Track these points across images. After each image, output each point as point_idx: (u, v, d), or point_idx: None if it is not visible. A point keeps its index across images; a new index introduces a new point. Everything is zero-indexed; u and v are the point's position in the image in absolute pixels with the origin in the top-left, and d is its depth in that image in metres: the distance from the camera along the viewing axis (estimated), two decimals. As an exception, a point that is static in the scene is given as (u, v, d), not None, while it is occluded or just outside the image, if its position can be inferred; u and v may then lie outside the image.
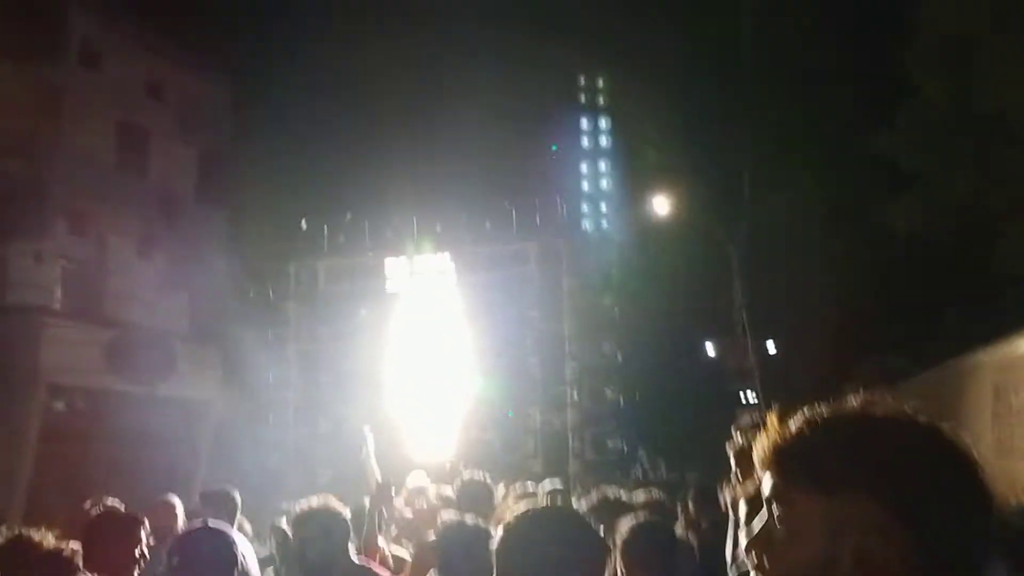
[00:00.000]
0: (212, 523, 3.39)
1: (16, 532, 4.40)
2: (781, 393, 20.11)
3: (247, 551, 4.20)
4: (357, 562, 4.12)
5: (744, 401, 21.59)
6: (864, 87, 19.88)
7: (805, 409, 1.23)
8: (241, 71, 18.95)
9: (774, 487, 1.23)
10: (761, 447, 1.24)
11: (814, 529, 1.17)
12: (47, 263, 17.77)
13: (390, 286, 14.58)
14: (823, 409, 1.23)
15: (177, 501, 6.44)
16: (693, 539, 5.86)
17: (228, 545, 3.13)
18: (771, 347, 25.09)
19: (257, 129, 19.10)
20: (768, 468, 1.25)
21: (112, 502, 5.38)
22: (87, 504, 5.72)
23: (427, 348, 14.40)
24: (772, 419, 1.23)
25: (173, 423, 18.35)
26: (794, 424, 1.22)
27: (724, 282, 22.12)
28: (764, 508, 1.26)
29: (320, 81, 17.27)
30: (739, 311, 22.06)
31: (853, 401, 1.21)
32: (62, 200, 17.81)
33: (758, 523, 1.25)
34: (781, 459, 1.23)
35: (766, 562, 1.22)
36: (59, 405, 18.09)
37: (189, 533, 3.34)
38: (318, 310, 14.71)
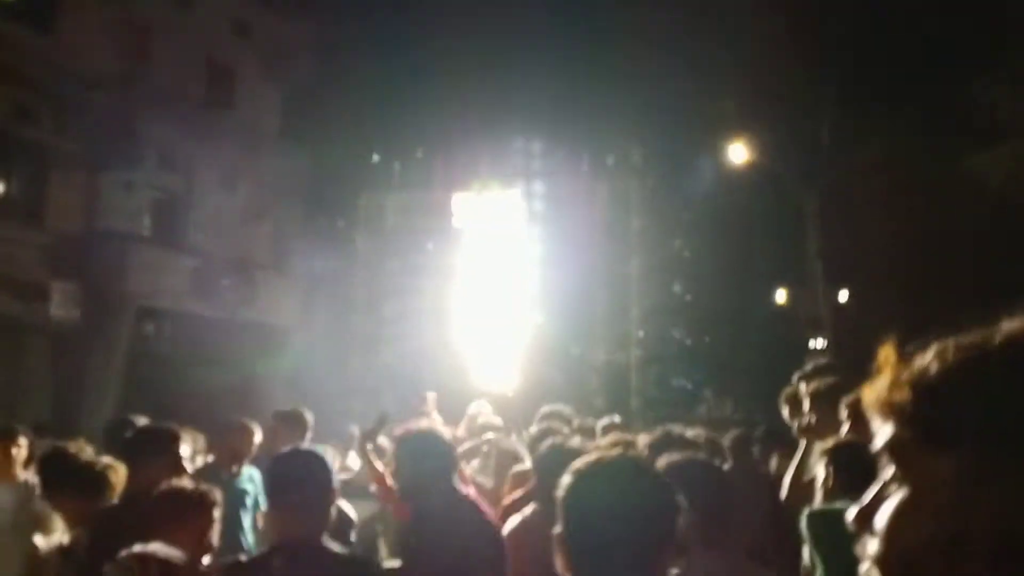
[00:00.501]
0: (305, 446, 3.51)
1: (56, 445, 4.38)
2: (852, 342, 19.20)
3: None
4: (462, 491, 3.89)
5: (813, 348, 20.67)
6: (963, 33, 18.34)
7: (940, 341, 0.89)
8: (323, 10, 18.52)
9: (893, 439, 0.89)
10: (878, 388, 0.91)
11: (942, 496, 0.84)
12: (137, 193, 17.79)
13: (457, 221, 14.08)
14: (964, 340, 0.89)
15: (254, 424, 6.21)
16: (753, 480, 5.54)
17: (324, 467, 3.01)
18: (843, 296, 24.02)
19: (338, 68, 18.72)
20: (886, 414, 0.91)
21: (143, 421, 5.16)
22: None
23: (493, 283, 13.95)
24: (890, 353, 0.91)
25: (253, 348, 18.43)
26: (924, 360, 0.88)
27: (799, 229, 21.10)
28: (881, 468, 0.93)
29: (399, 18, 16.74)
30: (813, 259, 21.07)
31: (1004, 328, 0.87)
32: (151, 134, 17.72)
33: (871, 488, 0.93)
34: (904, 404, 0.88)
35: (877, 536, 0.89)
36: (148, 328, 18.25)
37: (286, 455, 3.24)
38: (386, 243, 14.32)
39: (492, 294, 13.90)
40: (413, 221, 14.30)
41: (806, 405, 4.47)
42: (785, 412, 5.19)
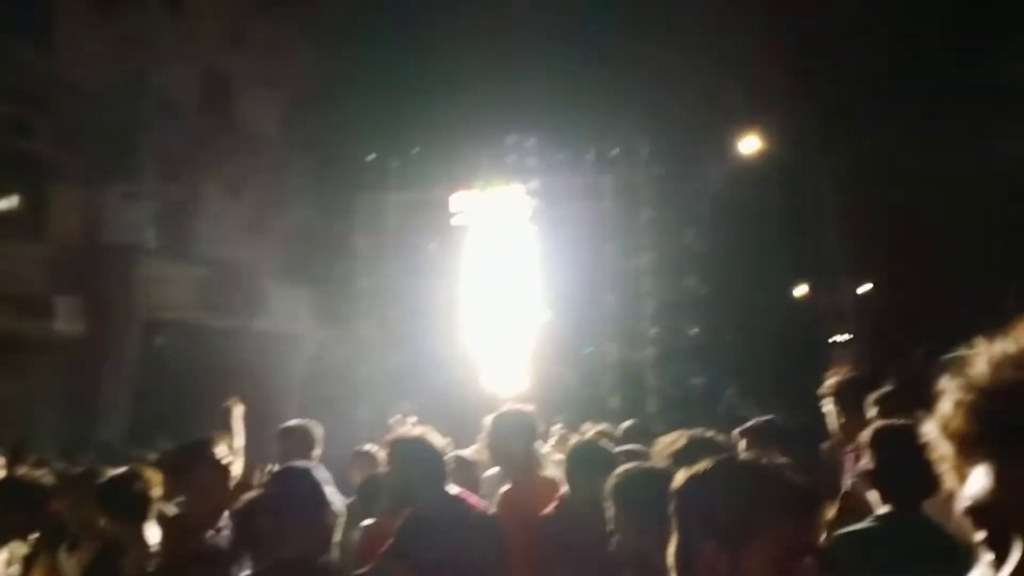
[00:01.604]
0: (296, 464, 3.33)
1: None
2: (876, 336, 18.22)
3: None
4: (452, 493, 3.88)
5: (835, 342, 19.69)
6: (980, 11, 17.38)
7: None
8: (317, 12, 17.85)
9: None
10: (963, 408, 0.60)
11: None
12: (139, 204, 17.18)
13: (458, 220, 13.28)
14: None
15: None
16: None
17: (315, 484, 3.02)
18: (865, 288, 23.04)
19: (335, 68, 18.03)
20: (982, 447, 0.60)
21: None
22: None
23: (498, 282, 13.17)
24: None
25: (267, 358, 17.76)
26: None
27: (817, 220, 20.17)
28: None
29: (396, 14, 15.98)
30: (833, 250, 20.15)
31: None
32: (151, 144, 17.14)
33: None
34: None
35: None
36: (159, 340, 17.60)
37: (280, 475, 3.27)
38: (386, 244, 13.55)
39: (498, 293, 13.12)
40: (414, 220, 13.51)
41: (829, 405, 4.04)
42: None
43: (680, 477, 1.77)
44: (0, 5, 15.12)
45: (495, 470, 4.93)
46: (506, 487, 4.46)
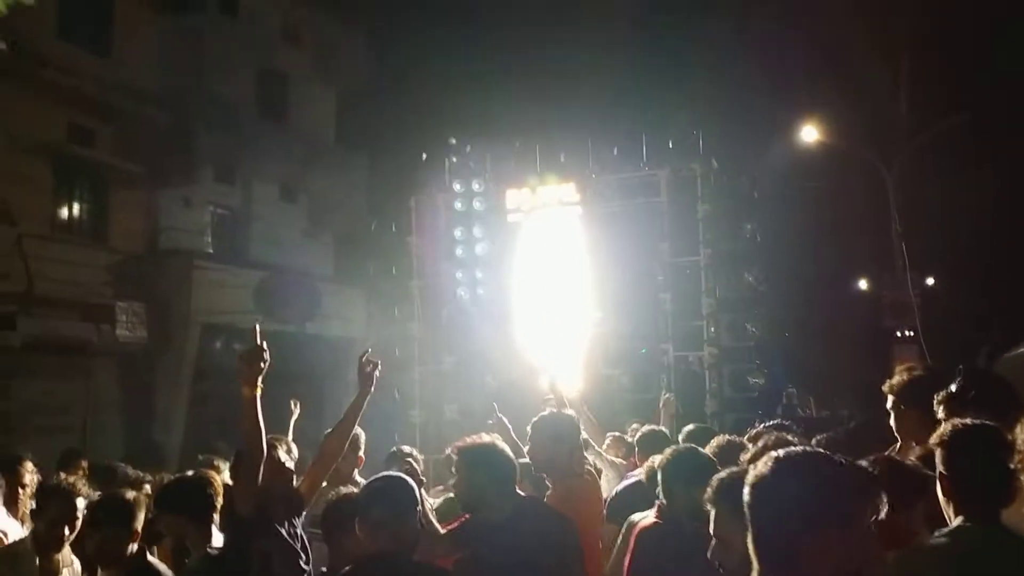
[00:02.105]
0: (390, 473, 3.49)
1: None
2: (942, 330, 17.61)
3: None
4: (522, 495, 3.90)
5: (900, 336, 19.09)
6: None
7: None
8: (371, 10, 17.86)
9: None
10: None
11: None
12: (196, 209, 17.39)
13: (511, 218, 13.12)
14: None
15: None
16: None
17: (408, 488, 3.25)
18: (930, 282, 22.35)
19: (389, 67, 18.05)
20: None
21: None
22: None
23: (551, 282, 12.97)
24: None
25: (322, 360, 17.84)
26: None
27: (880, 210, 19.59)
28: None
29: (449, 13, 15.90)
30: (897, 243, 19.54)
31: None
32: (207, 148, 17.32)
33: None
34: None
35: None
36: (216, 344, 17.78)
37: (377, 478, 3.40)
38: (439, 243, 13.46)
39: (551, 291, 12.92)
40: (466, 220, 13.39)
41: (889, 404, 3.80)
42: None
43: (753, 472, 1.85)
44: (59, 12, 15.38)
45: None
46: (549, 491, 4.43)
